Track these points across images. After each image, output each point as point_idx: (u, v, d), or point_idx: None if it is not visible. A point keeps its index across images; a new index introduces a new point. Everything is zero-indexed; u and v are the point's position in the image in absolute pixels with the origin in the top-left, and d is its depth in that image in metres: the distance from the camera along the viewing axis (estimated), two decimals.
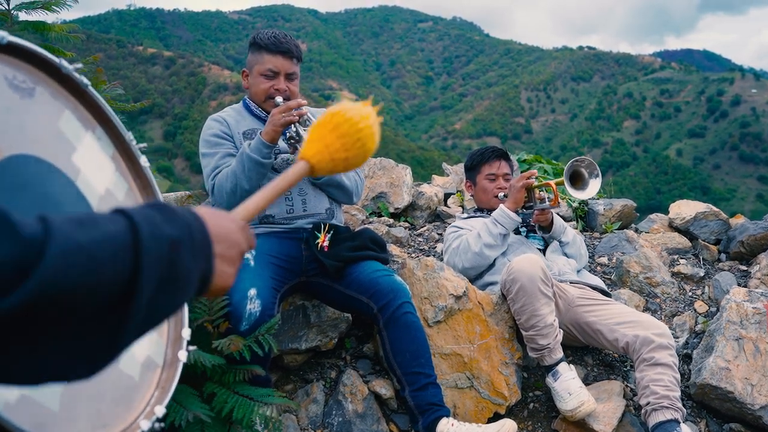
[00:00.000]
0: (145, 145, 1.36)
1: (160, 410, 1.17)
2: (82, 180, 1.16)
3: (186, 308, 1.25)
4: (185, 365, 2.08)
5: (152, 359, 1.24)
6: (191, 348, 1.32)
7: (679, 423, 2.62)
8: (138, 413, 1.15)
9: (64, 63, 1.16)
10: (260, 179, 2.69)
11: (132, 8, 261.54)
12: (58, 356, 0.66)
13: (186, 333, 1.32)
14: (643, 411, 2.73)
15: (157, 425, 1.15)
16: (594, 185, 3.21)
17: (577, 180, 3.24)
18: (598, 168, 3.21)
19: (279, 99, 2.86)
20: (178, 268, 0.75)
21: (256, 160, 2.64)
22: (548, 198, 3.32)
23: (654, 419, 2.65)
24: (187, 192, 4.41)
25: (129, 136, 1.33)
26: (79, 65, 1.21)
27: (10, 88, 1.07)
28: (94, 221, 0.69)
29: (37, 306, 0.61)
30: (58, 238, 0.63)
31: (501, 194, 3.50)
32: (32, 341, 0.63)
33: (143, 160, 1.35)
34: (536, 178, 3.33)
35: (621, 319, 2.96)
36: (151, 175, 1.36)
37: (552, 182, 3.27)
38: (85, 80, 1.21)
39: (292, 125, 2.70)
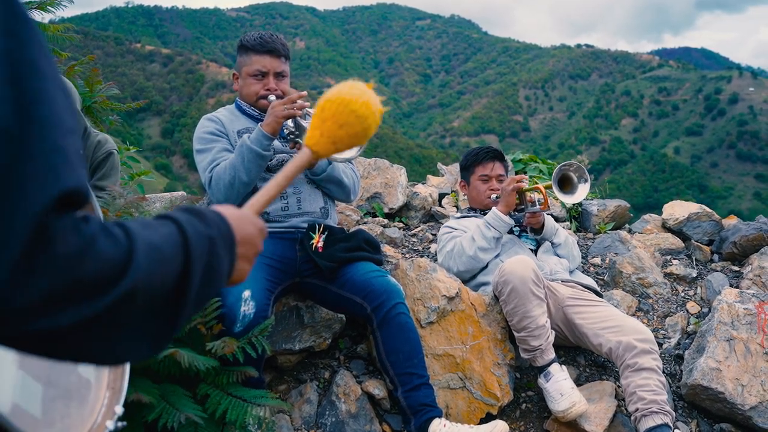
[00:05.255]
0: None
1: (119, 409, 1.22)
2: None
3: None
4: (179, 367, 2.11)
5: None
6: None
7: (670, 427, 2.63)
8: (96, 413, 1.19)
9: None
10: (259, 172, 2.71)
11: (130, 5, 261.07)
12: (132, 341, 0.77)
13: None
14: (632, 417, 2.73)
15: (119, 424, 1.20)
16: (582, 190, 3.23)
17: (566, 184, 3.26)
18: (587, 173, 3.23)
19: (272, 97, 2.89)
20: (215, 262, 0.86)
21: (257, 152, 2.66)
22: (539, 201, 3.34)
23: (645, 425, 2.66)
24: (184, 193, 4.43)
25: None
26: None
27: None
28: (151, 224, 0.80)
29: (127, 298, 0.72)
30: (138, 238, 0.74)
31: (494, 196, 3.52)
32: (117, 329, 0.73)
33: None
34: (530, 179, 3.35)
35: (606, 323, 2.96)
36: None
37: (541, 186, 3.29)
38: None
39: (290, 120, 2.72)
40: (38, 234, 0.65)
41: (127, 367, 1.30)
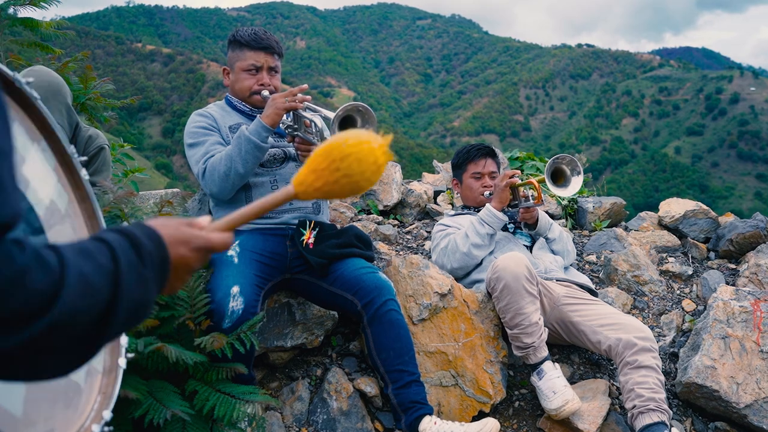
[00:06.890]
0: (85, 158, 1.41)
1: (107, 414, 1.23)
2: (31, 191, 1.18)
3: None
4: (167, 362, 2.09)
5: (93, 366, 1.30)
6: (130, 355, 1.38)
7: (666, 425, 2.62)
8: (85, 417, 1.20)
9: (18, 77, 1.18)
10: (255, 164, 2.70)
11: (131, 5, 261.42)
12: (53, 362, 0.79)
13: (124, 341, 1.37)
14: (629, 414, 2.72)
15: (106, 429, 1.21)
16: (576, 182, 3.21)
17: (559, 177, 3.24)
18: (580, 165, 3.21)
19: (266, 93, 2.87)
20: (143, 293, 0.88)
21: (255, 143, 2.64)
22: (532, 196, 3.32)
23: (641, 422, 2.64)
24: (178, 189, 4.41)
25: (71, 149, 1.38)
26: (31, 79, 1.24)
27: None
28: (86, 251, 0.80)
29: (52, 329, 0.73)
30: (70, 269, 0.75)
31: (487, 193, 3.50)
32: (40, 353, 0.75)
33: (83, 173, 1.40)
34: (522, 174, 3.33)
35: (605, 321, 2.94)
36: (90, 188, 1.40)
37: (534, 180, 3.27)
38: (35, 94, 1.24)
39: (287, 115, 2.70)
40: None
41: (120, 373, 1.32)
